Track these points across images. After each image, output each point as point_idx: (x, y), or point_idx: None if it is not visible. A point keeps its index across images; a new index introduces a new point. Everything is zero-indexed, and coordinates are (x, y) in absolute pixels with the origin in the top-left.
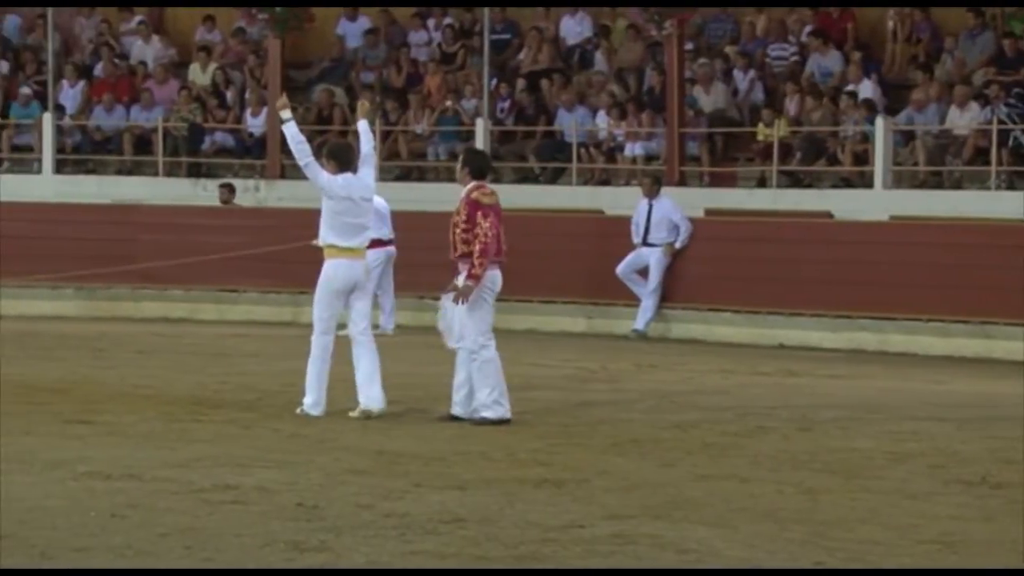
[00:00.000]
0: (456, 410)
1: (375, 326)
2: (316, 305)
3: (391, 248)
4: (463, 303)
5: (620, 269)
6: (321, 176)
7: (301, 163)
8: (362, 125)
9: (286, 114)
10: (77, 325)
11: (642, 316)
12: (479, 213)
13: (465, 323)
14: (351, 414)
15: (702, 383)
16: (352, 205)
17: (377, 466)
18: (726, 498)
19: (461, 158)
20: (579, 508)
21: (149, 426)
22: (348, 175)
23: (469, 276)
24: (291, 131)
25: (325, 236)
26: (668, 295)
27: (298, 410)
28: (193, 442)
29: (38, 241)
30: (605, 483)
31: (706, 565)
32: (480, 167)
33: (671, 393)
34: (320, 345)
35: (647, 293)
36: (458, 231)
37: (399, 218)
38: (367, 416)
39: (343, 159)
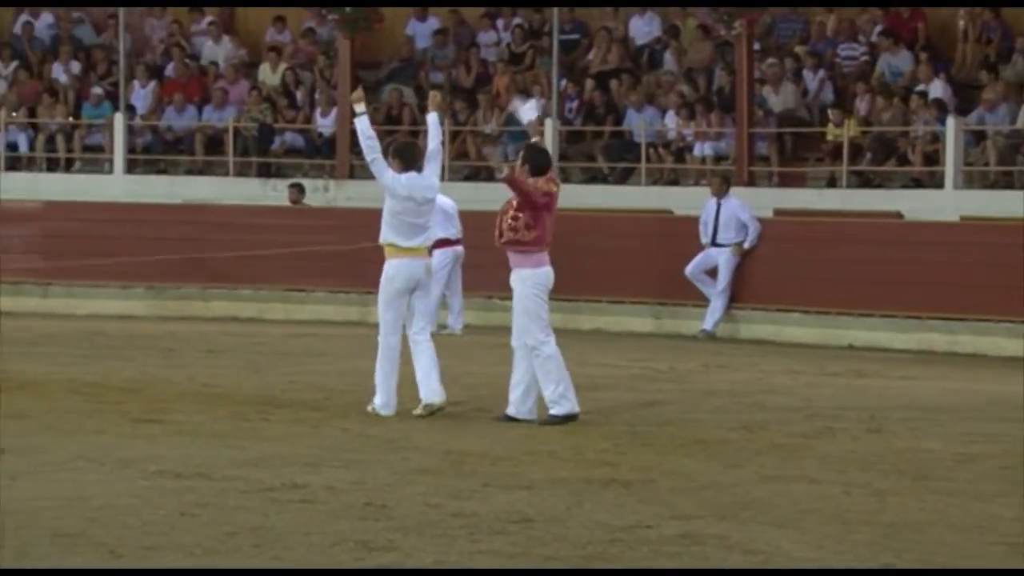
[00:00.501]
0: (511, 410)
1: (443, 326)
2: (380, 306)
3: (459, 248)
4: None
5: (689, 269)
6: (386, 174)
7: (368, 158)
8: (431, 119)
9: (360, 107)
10: (147, 325)
11: (711, 316)
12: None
13: (523, 321)
14: (415, 412)
15: (770, 384)
16: (413, 205)
17: (445, 465)
18: (794, 499)
19: (521, 154)
20: (646, 508)
21: (218, 425)
22: (412, 174)
23: (508, 176)
24: (362, 125)
25: (386, 235)
26: (737, 295)
27: (369, 408)
28: (262, 441)
29: (109, 241)
30: (672, 483)
31: (773, 566)
32: (539, 163)
33: (739, 394)
34: (386, 346)
35: (716, 293)
36: (507, 217)
37: (466, 218)
38: (431, 410)
39: (408, 158)
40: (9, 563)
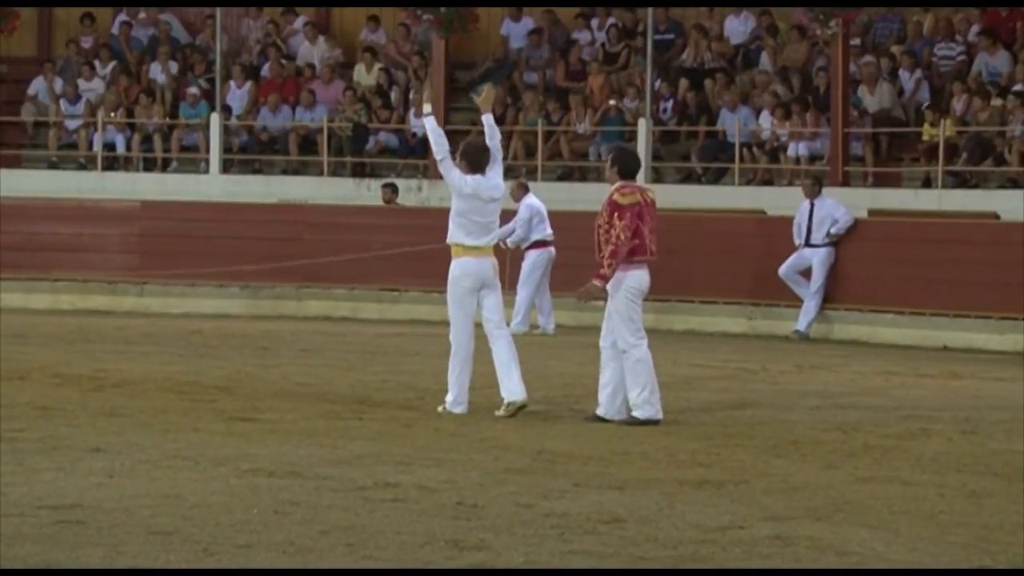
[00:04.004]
0: (600, 410)
1: (535, 326)
2: (449, 306)
3: (552, 249)
4: (584, 302)
5: (783, 270)
6: (453, 173)
7: (437, 158)
8: (487, 119)
9: (427, 108)
10: (242, 323)
11: (804, 317)
12: (615, 214)
13: (616, 324)
14: (498, 413)
15: (864, 385)
16: (480, 204)
17: (536, 465)
18: (888, 501)
19: (610, 157)
20: (739, 509)
21: (311, 424)
22: (478, 176)
23: (597, 276)
24: (431, 124)
25: (453, 235)
26: (831, 296)
27: (440, 408)
28: (354, 440)
29: (205, 240)
30: (765, 484)
31: (867, 568)
32: (628, 166)
33: (833, 395)
34: (458, 344)
35: (810, 294)
36: (600, 232)
37: (560, 218)
38: (513, 409)
39: (474, 160)
40: (102, 561)
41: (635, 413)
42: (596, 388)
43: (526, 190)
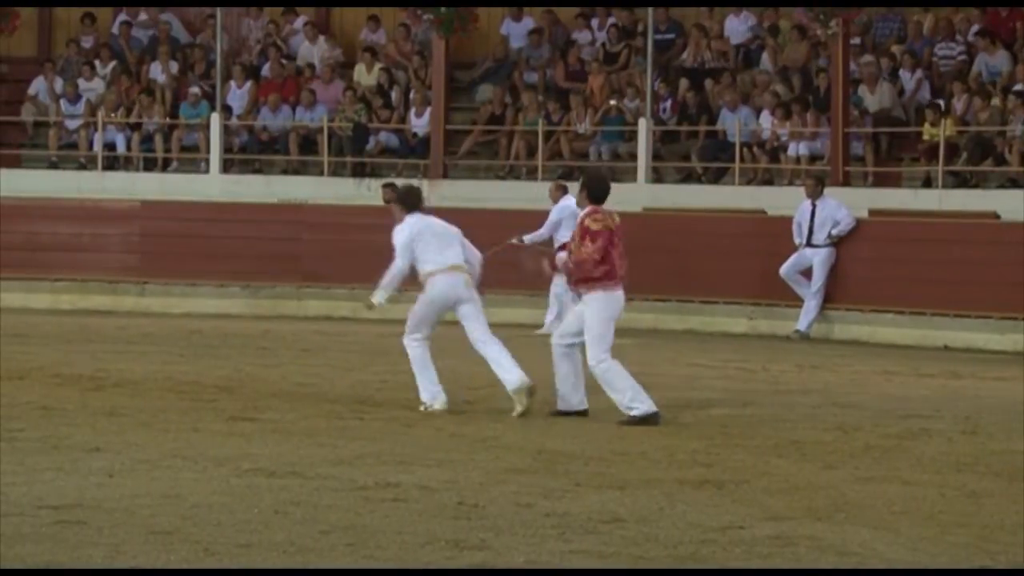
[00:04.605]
0: (561, 405)
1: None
2: (413, 318)
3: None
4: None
5: (784, 269)
6: (398, 247)
7: (403, 271)
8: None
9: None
10: (242, 323)
11: (805, 317)
12: (587, 238)
13: (588, 340)
14: (515, 413)
15: (865, 384)
16: (433, 236)
17: (537, 465)
18: (888, 501)
19: (581, 180)
20: (739, 509)
21: (312, 424)
22: (417, 215)
23: (564, 263)
24: (383, 297)
25: (422, 268)
26: (831, 296)
27: (422, 408)
28: (355, 440)
29: (205, 240)
30: (765, 484)
31: (868, 567)
32: (598, 191)
33: (833, 394)
34: (412, 349)
35: (810, 294)
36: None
37: None
38: (525, 396)
39: (409, 202)
40: (103, 560)
41: (632, 413)
42: (596, 387)
43: (564, 191)
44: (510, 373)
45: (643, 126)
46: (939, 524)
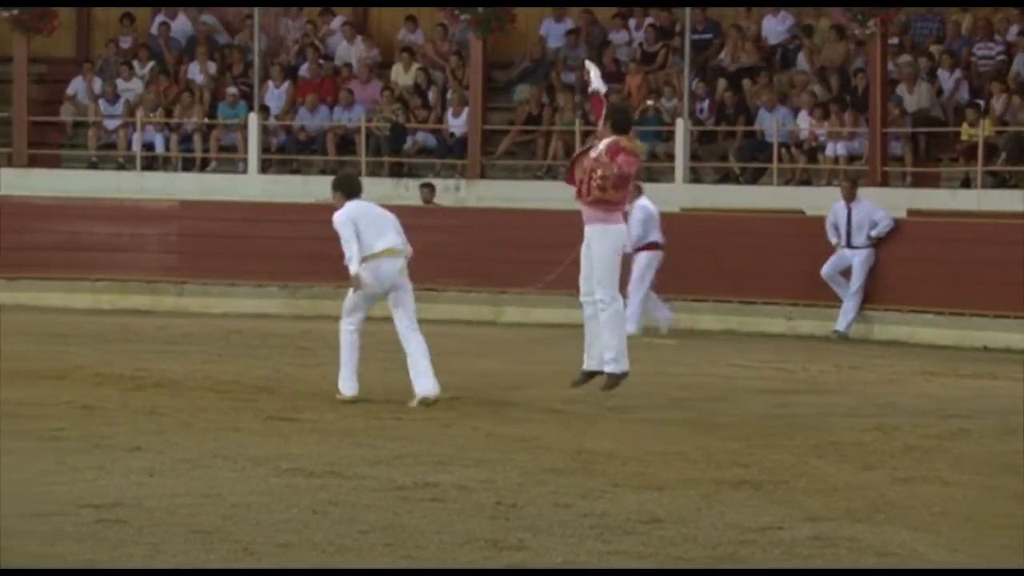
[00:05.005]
0: (592, 365)
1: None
2: (348, 302)
3: (661, 252)
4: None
5: (825, 271)
6: (343, 234)
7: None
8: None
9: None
10: (281, 323)
11: (844, 317)
12: (620, 154)
13: (602, 277)
14: (411, 404)
15: (904, 385)
16: (369, 220)
17: (575, 465)
18: (928, 501)
19: (604, 112)
20: (778, 510)
21: (350, 423)
22: (356, 202)
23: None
24: (356, 267)
25: (362, 248)
26: (870, 296)
27: (338, 396)
28: (393, 440)
29: (244, 240)
30: (805, 485)
31: (907, 568)
32: (624, 124)
33: (872, 395)
34: (345, 335)
35: (849, 294)
36: (595, 176)
37: None
38: (426, 403)
39: (348, 190)
40: (143, 560)
41: (612, 368)
42: (643, 391)
43: (640, 192)
44: (425, 379)
45: (681, 126)
46: (979, 525)
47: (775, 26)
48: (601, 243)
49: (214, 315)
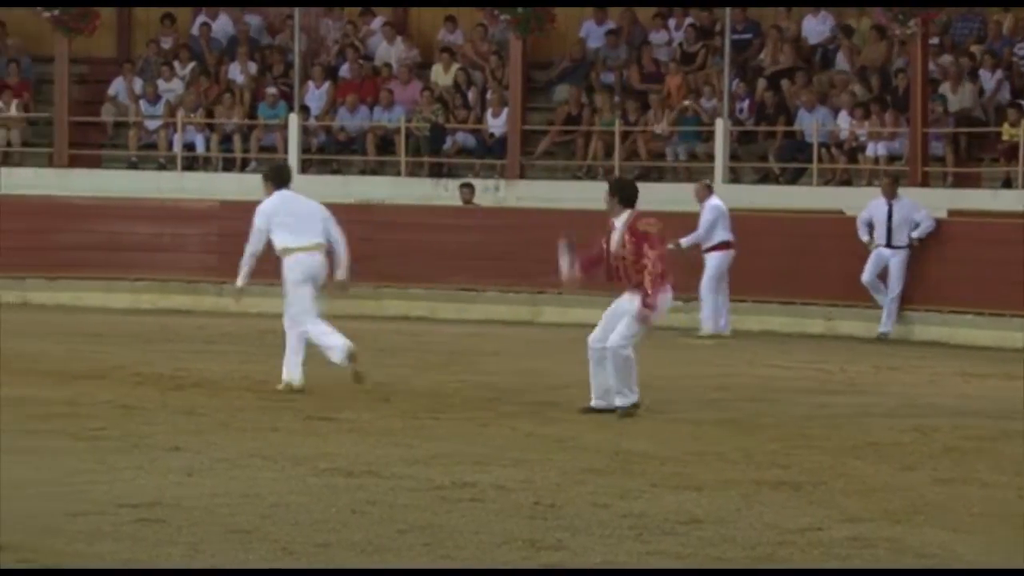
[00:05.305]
0: (601, 404)
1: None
2: (287, 299)
3: (733, 251)
4: (641, 326)
5: (866, 277)
6: (256, 222)
7: (259, 244)
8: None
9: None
10: None
11: (888, 319)
12: (645, 244)
13: (627, 325)
14: (278, 387)
15: (943, 386)
16: (292, 215)
17: (614, 466)
18: (968, 503)
19: (609, 187)
20: (817, 511)
21: (389, 423)
22: (284, 192)
23: (645, 305)
24: (242, 279)
25: (281, 242)
26: (910, 297)
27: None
28: (432, 440)
29: None
30: (843, 486)
31: (946, 568)
32: (631, 196)
33: (911, 396)
34: (293, 329)
35: (889, 299)
36: (623, 261)
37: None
38: (290, 389)
39: (277, 179)
40: (181, 559)
41: (623, 402)
42: (677, 387)
43: (710, 191)
44: (291, 366)
45: (720, 126)
46: (1018, 526)
47: (815, 26)
48: (635, 316)
49: (253, 315)
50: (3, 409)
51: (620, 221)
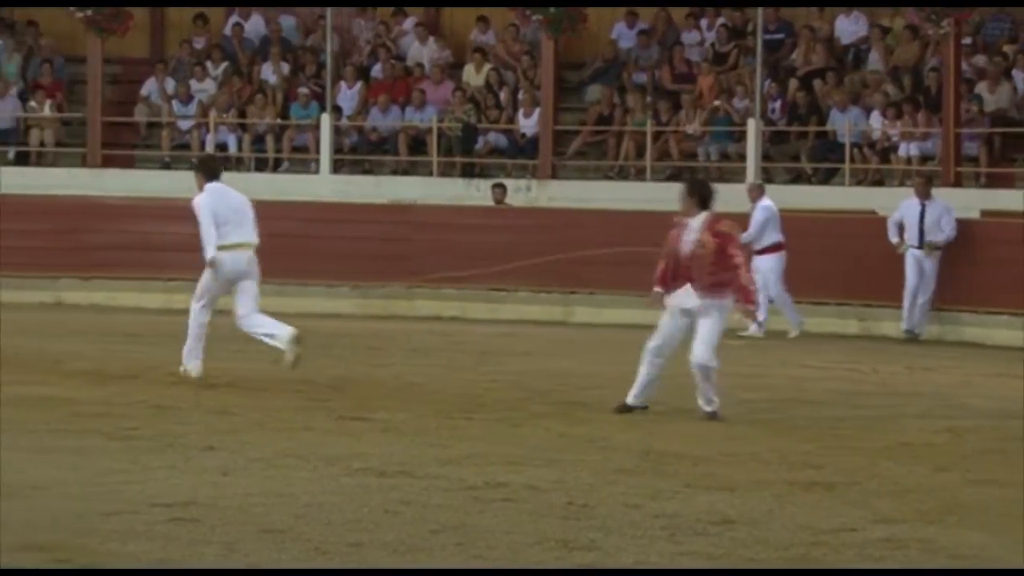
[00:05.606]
0: (637, 402)
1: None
2: (200, 287)
3: (784, 252)
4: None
5: (911, 282)
6: (202, 219)
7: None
8: None
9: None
10: (353, 323)
11: (921, 319)
12: (730, 244)
13: (713, 341)
14: (288, 359)
15: (977, 387)
16: (230, 210)
17: (646, 466)
18: (1002, 504)
19: (686, 188)
20: (850, 511)
21: (422, 423)
22: (215, 184)
23: (748, 302)
24: (212, 251)
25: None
26: (943, 297)
27: (182, 371)
28: (464, 440)
29: (315, 240)
30: (877, 487)
31: (979, 569)
32: (707, 197)
33: (945, 396)
34: (196, 318)
35: (923, 302)
36: (701, 264)
37: (670, 219)
38: (298, 342)
39: (207, 171)
40: (215, 559)
41: (713, 408)
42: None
43: (762, 192)
44: (279, 330)
45: (752, 126)
46: None
47: (848, 26)
48: (715, 319)
49: (286, 315)
50: (37, 409)
51: (697, 222)
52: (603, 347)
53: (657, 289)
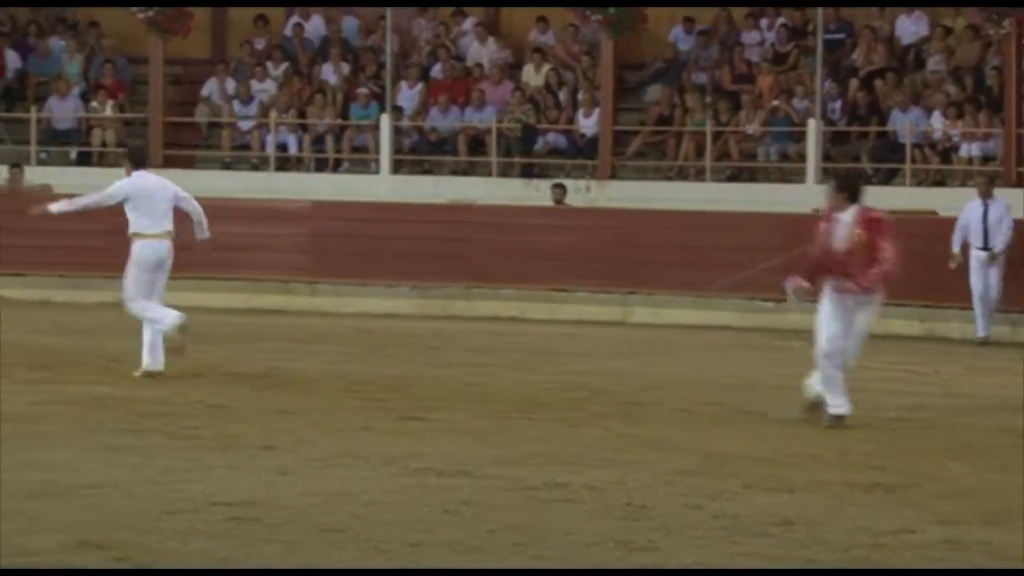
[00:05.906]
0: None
1: None
2: (129, 281)
3: None
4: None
5: (977, 289)
6: (110, 189)
7: (92, 204)
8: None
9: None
10: (411, 323)
11: (985, 321)
12: (886, 232)
13: (863, 341)
14: (135, 374)
15: None
16: (149, 199)
17: (706, 467)
18: None
19: (835, 183)
20: (910, 513)
21: (481, 423)
22: (142, 172)
23: (860, 284)
24: (61, 207)
25: (134, 226)
26: (1008, 299)
27: (137, 373)
28: (523, 440)
29: (375, 240)
30: (937, 488)
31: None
32: (857, 190)
33: (1006, 398)
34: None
35: (991, 307)
36: (855, 257)
37: (727, 219)
38: (148, 375)
39: (136, 159)
40: (275, 558)
41: (841, 411)
42: (761, 388)
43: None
44: (166, 316)
45: (812, 127)
46: None
47: (908, 26)
48: (869, 315)
49: (345, 315)
50: (100, 409)
51: (848, 216)
52: (662, 348)
53: (803, 283)
